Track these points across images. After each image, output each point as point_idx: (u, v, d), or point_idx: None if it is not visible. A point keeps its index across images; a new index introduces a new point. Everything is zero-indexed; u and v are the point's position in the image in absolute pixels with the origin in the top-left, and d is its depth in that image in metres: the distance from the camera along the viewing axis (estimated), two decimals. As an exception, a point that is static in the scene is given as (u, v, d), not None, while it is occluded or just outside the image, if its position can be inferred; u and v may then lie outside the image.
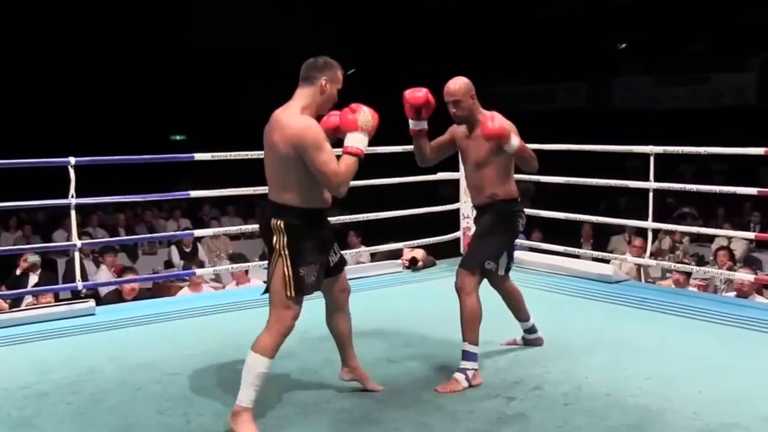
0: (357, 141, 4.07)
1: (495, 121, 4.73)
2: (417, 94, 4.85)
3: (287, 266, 4.09)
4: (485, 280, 5.12)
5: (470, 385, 4.75)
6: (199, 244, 12.69)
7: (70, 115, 25.14)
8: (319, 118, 4.20)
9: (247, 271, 8.93)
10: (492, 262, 5.02)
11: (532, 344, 5.50)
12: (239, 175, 8.03)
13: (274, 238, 4.13)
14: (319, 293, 4.44)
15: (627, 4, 25.40)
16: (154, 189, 7.53)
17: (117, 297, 8.57)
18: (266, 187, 5.86)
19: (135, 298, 8.40)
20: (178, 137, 31.16)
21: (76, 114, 25.41)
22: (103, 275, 10.46)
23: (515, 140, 4.79)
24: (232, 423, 4.09)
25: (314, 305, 4.54)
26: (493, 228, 5.06)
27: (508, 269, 5.26)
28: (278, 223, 4.11)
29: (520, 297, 5.42)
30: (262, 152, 4.24)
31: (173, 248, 12.71)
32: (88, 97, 26.06)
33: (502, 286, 5.33)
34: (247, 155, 7.15)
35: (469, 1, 27.76)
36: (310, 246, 4.15)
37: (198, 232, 10.14)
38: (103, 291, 9.29)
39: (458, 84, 4.92)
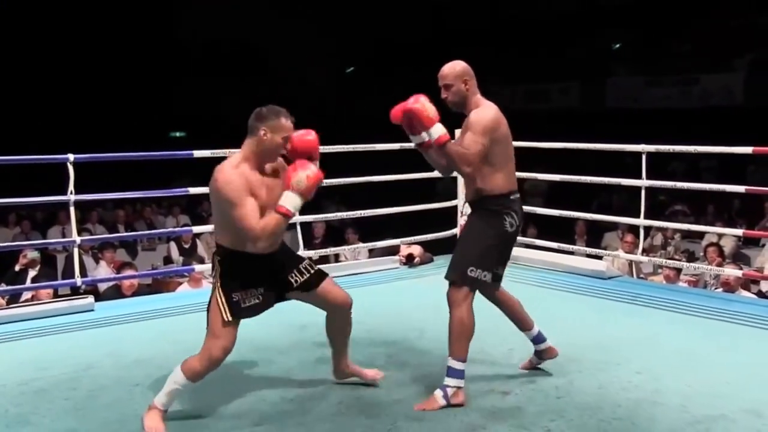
0: (286, 200, 4.03)
1: (418, 101, 4.37)
2: (394, 111, 4.50)
3: (220, 294, 4.16)
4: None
5: (448, 404, 4.39)
6: (198, 240, 12.66)
7: (70, 112, 25.11)
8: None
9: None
10: (476, 269, 4.48)
11: (545, 357, 4.95)
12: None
13: (213, 272, 4.25)
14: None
15: (619, 5, 25.43)
16: (153, 186, 7.52)
17: (116, 293, 8.54)
18: None
19: (134, 294, 8.37)
20: (177, 134, 31.13)
21: (76, 111, 25.37)
22: (103, 271, 10.41)
23: (437, 130, 4.35)
24: (144, 415, 4.15)
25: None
26: (476, 230, 4.61)
27: (498, 279, 4.74)
28: (216, 258, 4.24)
29: (519, 306, 4.90)
30: None
31: (172, 244, 12.67)
32: (87, 94, 26.03)
33: (494, 297, 4.85)
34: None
35: (464, 1, 27.76)
36: (242, 274, 4.19)
37: (197, 229, 10.09)
38: (103, 287, 9.25)
39: (451, 66, 4.60)
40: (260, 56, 29.32)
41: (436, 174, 8.03)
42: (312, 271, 4.43)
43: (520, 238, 8.69)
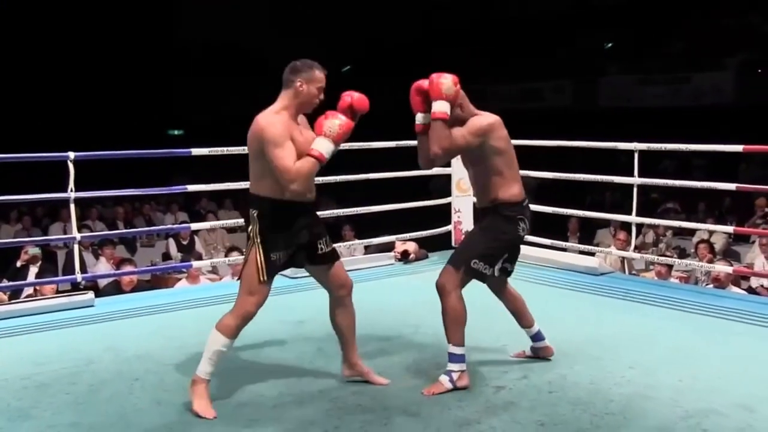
0: (319, 145, 4.15)
1: (443, 76, 4.41)
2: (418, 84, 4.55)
3: (260, 252, 4.25)
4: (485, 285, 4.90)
5: (455, 387, 4.53)
6: (196, 237, 12.66)
7: (71, 110, 25.07)
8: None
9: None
10: (480, 262, 4.60)
11: (540, 354, 5.07)
12: (236, 170, 7.99)
13: (250, 227, 4.31)
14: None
15: (611, 5, 25.44)
16: (152, 183, 7.50)
17: (116, 288, 8.53)
18: None
19: (133, 290, 8.37)
20: (175, 132, 31.10)
21: (77, 110, 25.34)
22: (102, 267, 10.41)
23: (439, 106, 4.38)
24: (190, 390, 4.28)
25: (311, 296, 4.53)
26: (488, 228, 4.70)
27: (506, 273, 4.84)
28: (253, 212, 4.30)
29: (522, 303, 5.00)
30: None
31: (171, 241, 12.66)
32: (88, 93, 25.98)
33: (501, 291, 4.98)
34: (243, 150, 7.07)
35: (458, 1, 27.76)
36: (281, 233, 4.28)
37: (195, 226, 10.11)
38: (102, 283, 9.24)
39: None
40: (258, 56, 29.26)
41: (430, 172, 8.08)
42: (331, 247, 4.56)
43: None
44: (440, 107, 4.40)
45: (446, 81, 4.41)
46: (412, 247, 8.20)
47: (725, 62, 23.33)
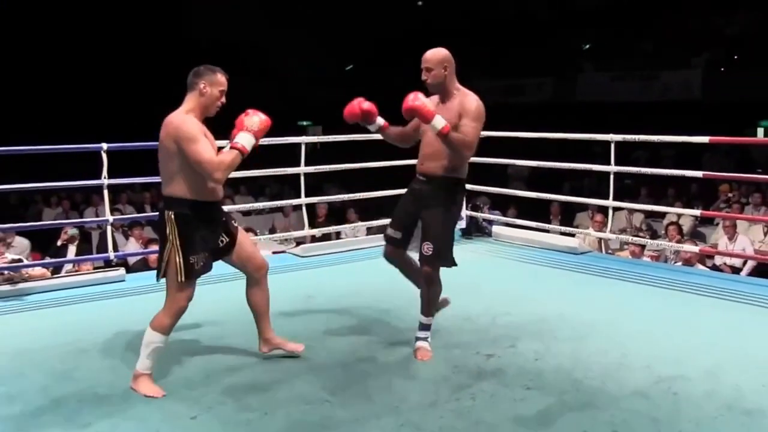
0: (241, 138, 4.04)
1: (417, 99, 4.30)
2: (351, 111, 4.62)
3: (178, 255, 4.06)
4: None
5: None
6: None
7: (104, 105, 25.03)
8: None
9: (256, 243, 8.91)
10: (450, 251, 4.60)
11: (442, 305, 4.95)
12: (250, 159, 7.99)
13: (167, 229, 4.08)
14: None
15: (588, 9, 25.38)
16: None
17: (144, 265, 8.56)
18: (275, 169, 5.86)
19: (160, 266, 8.35)
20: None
21: (110, 104, 25.29)
22: (132, 246, 10.41)
23: (439, 121, 4.28)
24: (133, 384, 4.14)
25: (318, 274, 4.54)
26: (447, 211, 4.57)
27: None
28: (169, 214, 4.08)
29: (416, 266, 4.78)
30: (270, 139, 4.18)
31: (193, 222, 12.66)
32: (118, 89, 25.93)
33: (404, 259, 4.89)
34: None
35: (449, 4, 27.70)
36: (198, 236, 4.11)
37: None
38: (132, 260, 9.25)
39: (433, 52, 4.54)
40: (265, 56, 29.20)
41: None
42: (234, 230, 4.39)
43: (500, 218, 8.77)
44: (440, 122, 4.30)
45: (426, 101, 4.33)
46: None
47: (692, 61, 23.32)
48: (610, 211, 7.72)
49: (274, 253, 9.13)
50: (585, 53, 26.76)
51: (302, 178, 7.52)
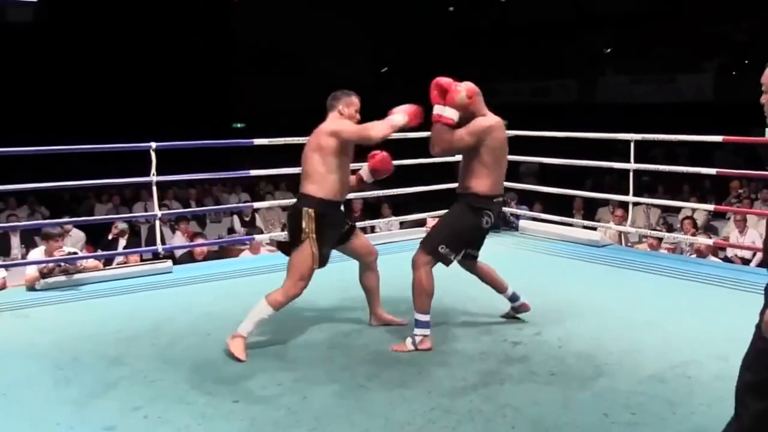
0: (395, 117, 4.47)
1: (453, 83, 4.42)
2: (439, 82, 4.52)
3: (314, 246, 4.39)
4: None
5: (416, 349, 4.47)
6: (256, 215, 12.68)
7: (155, 106, 25.17)
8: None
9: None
10: (446, 248, 4.54)
11: (521, 310, 5.01)
12: (290, 156, 7.99)
13: (304, 223, 4.39)
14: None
15: (610, 13, 25.21)
16: (219, 168, 7.54)
17: (190, 258, 8.58)
18: None
19: (204, 259, 8.41)
20: (238, 125, 31.15)
21: (159, 106, 25.44)
22: (178, 240, 10.46)
23: (442, 110, 4.38)
24: (229, 340, 4.41)
25: (353, 266, 4.53)
26: (456, 218, 4.63)
27: (470, 256, 4.80)
28: (309, 210, 4.41)
29: (493, 274, 4.90)
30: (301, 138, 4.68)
31: (235, 218, 12.71)
32: (167, 91, 26.07)
33: (472, 269, 4.89)
34: (297, 140, 7.11)
35: (476, 7, 27.65)
36: (329, 230, 4.47)
37: (256, 204, 10.11)
38: (178, 253, 9.28)
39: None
40: (305, 57, 29.24)
41: (457, 158, 8.04)
42: (349, 224, 4.79)
43: (527, 212, 8.70)
44: (449, 114, 4.40)
45: (462, 93, 4.40)
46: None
47: (705, 65, 23.16)
48: (630, 206, 7.64)
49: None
50: (605, 57, 26.60)
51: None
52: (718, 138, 6.74)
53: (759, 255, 9.29)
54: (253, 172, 7.61)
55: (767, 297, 2.48)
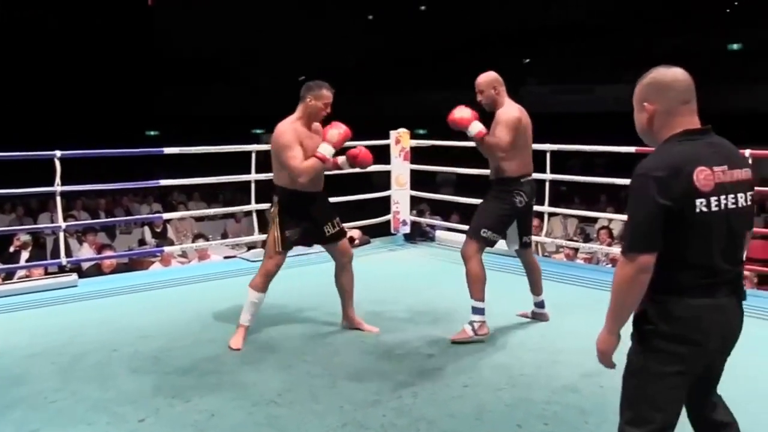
0: (322, 148, 4.69)
1: (458, 110, 4.85)
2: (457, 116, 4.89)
3: (277, 229, 4.81)
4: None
5: (476, 335, 4.83)
6: (168, 225, 12.52)
7: (60, 113, 24.64)
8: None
9: (207, 248, 8.87)
10: (488, 230, 4.90)
11: (539, 318, 5.36)
12: (203, 166, 7.92)
13: (272, 209, 4.89)
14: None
15: (530, 28, 25.74)
16: (130, 177, 7.40)
17: (97, 271, 8.40)
18: (225, 176, 6.20)
19: (113, 272, 8.25)
20: (152, 132, 30.75)
21: (65, 112, 24.91)
22: (86, 252, 10.25)
23: (474, 127, 4.77)
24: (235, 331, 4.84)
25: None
26: (490, 202, 5.01)
27: (524, 244, 5.17)
28: (274, 198, 4.89)
29: (538, 273, 5.32)
30: (223, 147, 5.38)
31: (146, 228, 12.52)
32: (75, 97, 25.56)
33: (522, 258, 5.29)
34: (209, 149, 7.05)
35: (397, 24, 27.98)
36: (295, 217, 4.82)
37: (167, 215, 9.98)
38: (86, 265, 9.09)
39: (483, 77, 5.06)
40: (225, 66, 29.06)
41: (372, 168, 8.08)
42: (339, 227, 5.07)
43: (442, 222, 8.77)
44: (475, 128, 4.79)
45: (463, 112, 4.84)
46: (356, 233, 8.18)
47: (623, 76, 23.78)
48: (546, 217, 7.78)
49: (225, 257, 9.06)
50: (526, 68, 27.13)
51: (253, 185, 7.46)
52: (631, 149, 6.89)
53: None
54: (163, 182, 7.49)
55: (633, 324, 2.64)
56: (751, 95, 21.16)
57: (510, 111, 4.89)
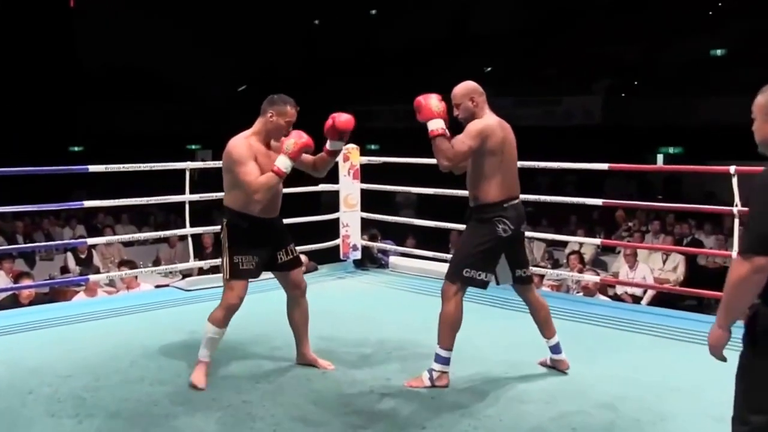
0: (279, 161, 4.54)
1: (429, 98, 4.62)
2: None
3: (226, 255, 4.71)
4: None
5: (433, 385, 4.63)
6: (93, 251, 12.36)
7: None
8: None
9: (136, 277, 8.77)
10: (471, 270, 4.62)
11: (557, 367, 4.97)
12: (133, 185, 7.82)
13: (221, 234, 4.78)
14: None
15: (488, 33, 25.97)
16: (51, 198, 7.28)
17: (14, 302, 8.25)
18: (157, 197, 6.12)
19: (31, 303, 8.11)
20: (76, 148, 30.42)
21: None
22: (0, 281, 10.06)
23: (434, 124, 4.52)
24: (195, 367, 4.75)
25: (204, 309, 4.44)
26: (470, 235, 4.74)
27: (518, 279, 4.85)
28: (223, 220, 4.76)
29: (544, 312, 4.93)
30: (154, 164, 5.10)
31: (69, 255, 12.35)
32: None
33: (522, 296, 4.96)
34: (139, 167, 6.97)
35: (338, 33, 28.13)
36: (245, 242, 4.70)
37: (92, 240, 9.83)
38: (0, 296, 8.91)
39: (458, 87, 4.79)
40: (157, 77, 28.91)
41: (320, 188, 8.07)
42: (294, 255, 5.01)
43: (397, 248, 8.74)
44: (436, 125, 4.53)
45: (433, 100, 4.59)
46: (303, 259, 8.13)
47: (594, 87, 24.07)
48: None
49: (157, 287, 8.96)
50: (486, 77, 27.32)
51: (187, 206, 7.37)
52: (604, 166, 6.95)
53: (650, 292, 9.68)
54: (88, 203, 7.38)
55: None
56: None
57: (479, 121, 4.63)
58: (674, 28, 23.81)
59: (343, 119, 4.79)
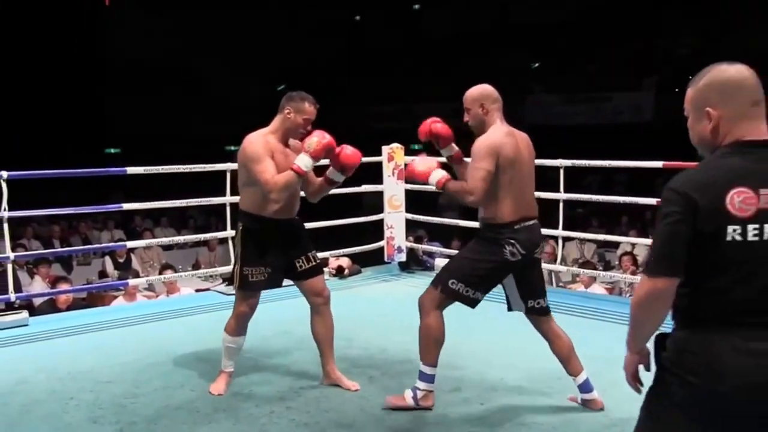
0: (299, 160, 4.42)
1: (417, 162, 4.45)
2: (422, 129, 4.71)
3: (237, 265, 4.65)
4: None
5: (417, 406, 4.39)
6: (132, 255, 12.47)
7: (3, 129, 24.59)
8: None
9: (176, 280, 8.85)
10: (458, 282, 4.28)
11: (588, 406, 4.48)
12: (171, 187, 7.87)
13: (236, 238, 4.77)
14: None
15: (536, 24, 25.80)
16: (88, 201, 7.36)
17: (51, 307, 8.35)
18: (197, 199, 6.08)
19: (69, 308, 8.19)
20: (112, 150, 30.74)
21: (14, 129, 24.87)
22: (37, 286, 10.19)
23: (433, 178, 4.29)
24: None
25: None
26: (471, 250, 4.42)
27: (531, 309, 4.49)
28: (238, 224, 4.71)
29: (566, 347, 4.50)
30: (194, 166, 4.40)
31: (107, 259, 12.46)
32: (23, 111, 25.54)
33: (544, 330, 4.53)
34: (177, 168, 7.01)
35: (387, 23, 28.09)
36: (258, 250, 4.61)
37: (131, 244, 9.93)
38: (38, 301, 9.02)
39: (470, 91, 4.48)
40: (195, 77, 29.11)
41: (363, 189, 8.07)
42: (315, 262, 4.85)
43: (443, 250, 8.69)
44: (434, 178, 4.32)
45: (416, 164, 4.46)
46: (345, 262, 8.15)
47: (644, 83, 23.82)
48: (560, 242, 7.75)
49: (197, 291, 9.01)
50: (533, 74, 27.17)
51: (228, 209, 7.41)
52: (658, 164, 6.87)
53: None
54: (126, 206, 7.45)
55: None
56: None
57: (488, 138, 4.28)
58: (728, 20, 23.49)
59: (349, 152, 4.60)
